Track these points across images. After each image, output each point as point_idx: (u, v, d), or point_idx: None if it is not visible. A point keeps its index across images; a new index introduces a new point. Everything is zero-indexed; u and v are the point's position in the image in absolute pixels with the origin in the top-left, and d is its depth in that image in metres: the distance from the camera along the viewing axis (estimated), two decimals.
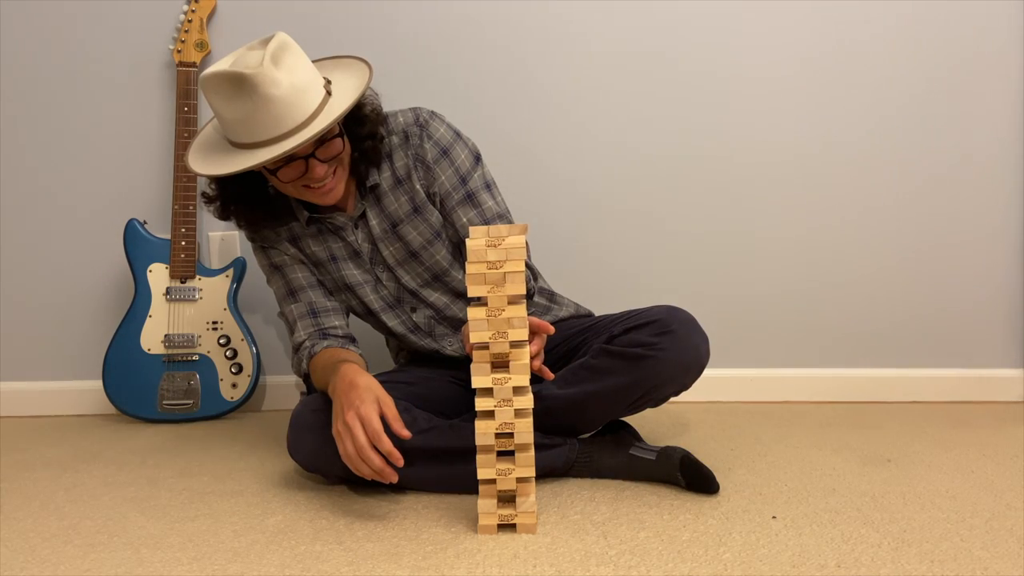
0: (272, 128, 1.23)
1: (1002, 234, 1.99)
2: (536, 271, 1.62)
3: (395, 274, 1.49)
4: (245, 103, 1.21)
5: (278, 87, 1.21)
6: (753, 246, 1.99)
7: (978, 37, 1.93)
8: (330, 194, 1.35)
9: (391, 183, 1.44)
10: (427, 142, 1.42)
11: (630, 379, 1.36)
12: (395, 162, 1.44)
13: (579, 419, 1.42)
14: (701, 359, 1.39)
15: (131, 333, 1.85)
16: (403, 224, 1.45)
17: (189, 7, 1.86)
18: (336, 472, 1.38)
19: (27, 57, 1.91)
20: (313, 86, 1.27)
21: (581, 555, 1.13)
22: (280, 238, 1.49)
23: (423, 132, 1.42)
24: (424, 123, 1.43)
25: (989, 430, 1.75)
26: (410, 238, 1.46)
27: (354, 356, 1.42)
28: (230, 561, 1.13)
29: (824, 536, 1.19)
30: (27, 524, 1.28)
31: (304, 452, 1.38)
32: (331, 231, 1.47)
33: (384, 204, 1.45)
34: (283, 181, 1.31)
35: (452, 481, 1.36)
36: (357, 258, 1.49)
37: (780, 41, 1.93)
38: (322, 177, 1.31)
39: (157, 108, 1.93)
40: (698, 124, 1.96)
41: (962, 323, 2.02)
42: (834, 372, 2.02)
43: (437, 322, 1.54)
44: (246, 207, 1.42)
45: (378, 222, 1.46)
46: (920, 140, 1.96)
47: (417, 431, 1.34)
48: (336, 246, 1.48)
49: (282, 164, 1.28)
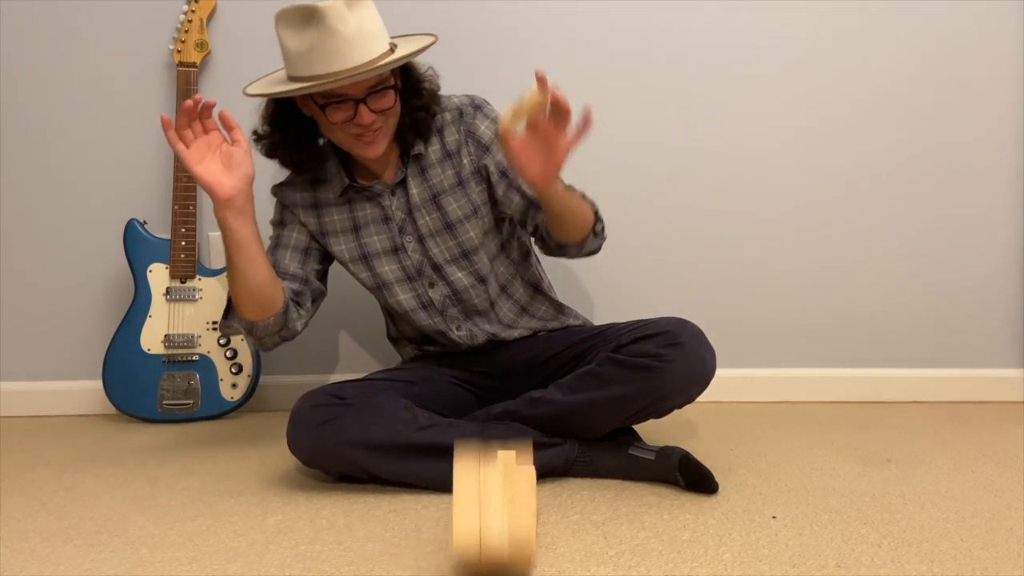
0: (332, 63, 1.28)
1: (1002, 234, 1.99)
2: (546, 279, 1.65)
3: (425, 245, 1.50)
4: (311, 34, 1.28)
5: (345, 24, 1.28)
6: (753, 246, 1.99)
7: (979, 37, 1.93)
8: (372, 146, 1.38)
9: (439, 156, 1.48)
10: (483, 121, 1.48)
11: (635, 389, 1.36)
12: (445, 136, 1.48)
13: (581, 426, 1.42)
14: (707, 373, 1.39)
15: (131, 333, 1.85)
16: (445, 195, 1.48)
17: (189, 7, 1.86)
18: (337, 469, 1.39)
19: (27, 57, 1.91)
20: (379, 37, 1.33)
21: (581, 555, 1.13)
22: (301, 204, 1.51)
23: (478, 112, 1.48)
24: (479, 105, 1.49)
25: (989, 430, 1.75)
26: (449, 209, 1.48)
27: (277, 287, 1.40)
28: (230, 561, 1.13)
29: (824, 536, 1.19)
30: (27, 524, 1.28)
31: (304, 448, 1.38)
32: (365, 199, 1.49)
33: (429, 175, 1.48)
34: (332, 122, 1.34)
35: (447, 478, 1.36)
36: (386, 224, 1.49)
37: (780, 42, 1.93)
38: (368, 124, 1.34)
39: (157, 108, 1.93)
40: (697, 123, 1.96)
41: (962, 323, 2.02)
42: (834, 372, 2.02)
43: (452, 303, 1.53)
44: (294, 150, 1.46)
45: (419, 191, 1.48)
46: (920, 140, 1.97)
47: (416, 428, 1.35)
48: (363, 213, 1.50)
49: (334, 102, 1.32)
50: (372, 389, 1.43)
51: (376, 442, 1.34)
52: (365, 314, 2.00)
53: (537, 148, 1.22)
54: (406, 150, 1.47)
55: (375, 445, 1.34)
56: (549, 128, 1.20)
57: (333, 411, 1.37)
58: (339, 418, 1.36)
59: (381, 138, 1.38)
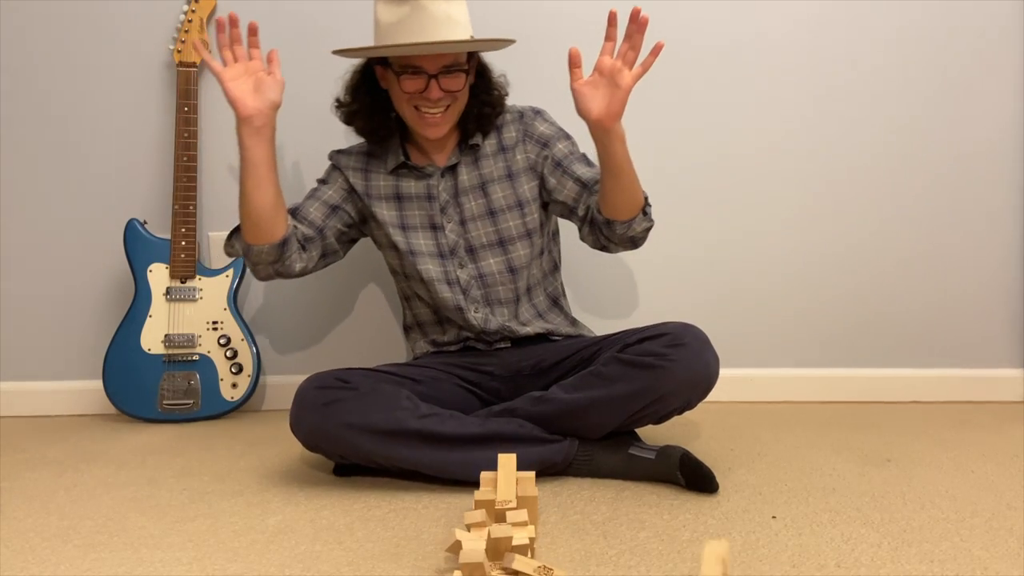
0: (417, 35, 1.39)
1: (1002, 234, 1.99)
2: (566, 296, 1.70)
3: (465, 227, 1.56)
4: (404, 9, 1.40)
5: (436, 5, 1.40)
6: (753, 246, 1.99)
7: (979, 38, 1.93)
8: (435, 128, 1.47)
9: (495, 149, 1.58)
10: (542, 124, 1.60)
11: (637, 387, 1.37)
12: (503, 133, 1.59)
13: (582, 425, 1.42)
14: (710, 376, 1.40)
15: (131, 333, 1.85)
16: (493, 183, 1.57)
17: (189, 7, 1.86)
18: (337, 451, 1.39)
19: (27, 57, 1.91)
20: (463, 26, 1.45)
21: (581, 555, 1.13)
22: (353, 166, 1.59)
23: (538, 116, 1.61)
24: (539, 111, 1.62)
25: (989, 430, 1.75)
26: (495, 197, 1.56)
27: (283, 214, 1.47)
28: (230, 561, 1.13)
29: (824, 536, 1.19)
30: (27, 524, 1.28)
31: (305, 429, 1.39)
32: (414, 176, 1.57)
33: (481, 164, 1.57)
34: (404, 91, 1.44)
35: (447, 467, 1.38)
36: (428, 202, 1.56)
37: (779, 42, 1.93)
38: (436, 100, 1.43)
39: (157, 108, 1.93)
40: (697, 123, 1.96)
41: (962, 323, 2.02)
42: (834, 372, 2.02)
43: (477, 285, 1.57)
44: (368, 119, 1.56)
45: (468, 177, 1.57)
46: (920, 141, 1.97)
47: (416, 416, 1.37)
48: (408, 187, 1.57)
49: (409, 72, 1.42)
50: (378, 378, 1.45)
51: (376, 426, 1.35)
52: (367, 314, 2.00)
53: (601, 86, 1.32)
54: (464, 139, 1.57)
55: (375, 429, 1.35)
56: (614, 65, 1.30)
57: (337, 393, 1.38)
58: (342, 401, 1.37)
59: (444, 121, 1.48)
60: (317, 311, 2.00)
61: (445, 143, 1.57)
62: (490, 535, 1.03)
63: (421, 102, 1.45)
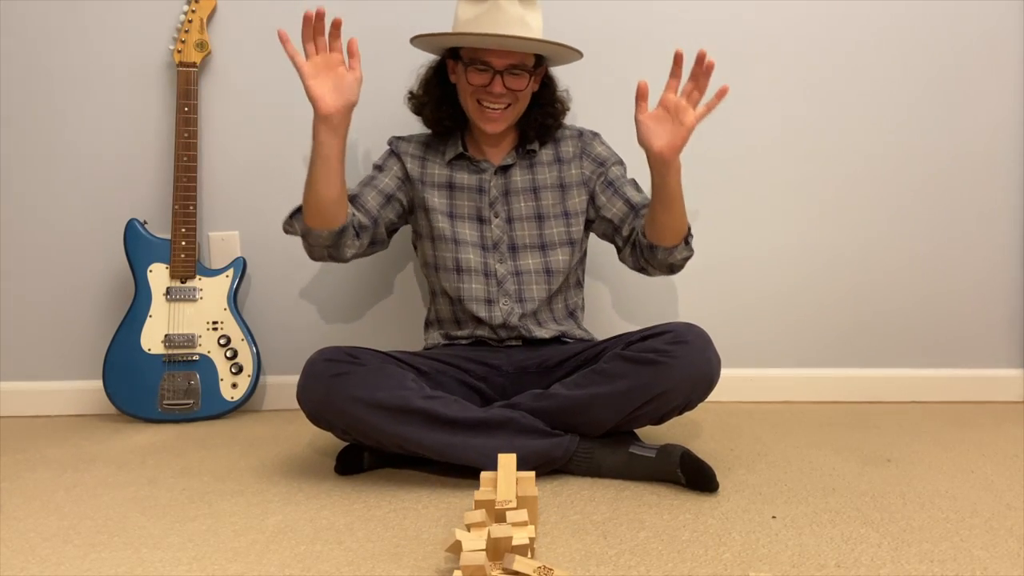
0: (492, 28, 1.47)
1: (1002, 234, 1.99)
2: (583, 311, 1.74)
3: (512, 226, 1.62)
4: (483, 5, 1.49)
5: (513, 8, 1.49)
6: (753, 246, 1.99)
7: (979, 38, 1.93)
8: (493, 123, 1.55)
9: (551, 158, 1.66)
10: (600, 146, 1.68)
11: (638, 382, 1.38)
12: (561, 146, 1.67)
13: (582, 421, 1.42)
14: (712, 374, 1.41)
15: (131, 333, 1.85)
16: (545, 190, 1.64)
17: (189, 7, 1.86)
18: (341, 423, 1.40)
19: (27, 57, 1.91)
20: (535, 32, 1.53)
21: (581, 555, 1.13)
22: (411, 153, 1.65)
23: (597, 138, 1.69)
24: (597, 134, 1.70)
25: (989, 430, 1.75)
26: (545, 203, 1.63)
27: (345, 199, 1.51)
28: (230, 561, 1.13)
29: (824, 536, 1.19)
30: (27, 524, 1.28)
31: (312, 399, 1.40)
32: (468, 169, 1.63)
33: (535, 170, 1.64)
34: (469, 83, 1.52)
35: (448, 449, 1.38)
36: (479, 194, 1.62)
37: (779, 42, 1.93)
38: (498, 96, 1.52)
39: (157, 108, 1.93)
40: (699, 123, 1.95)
41: (962, 323, 2.02)
42: (834, 372, 2.02)
43: (513, 281, 1.61)
44: (435, 110, 1.63)
45: (521, 179, 1.64)
46: (920, 141, 1.97)
47: (421, 396, 1.38)
48: (463, 177, 1.63)
49: (477, 65, 1.50)
50: (385, 359, 1.47)
51: (381, 401, 1.36)
52: (367, 314, 2.00)
53: (665, 121, 1.39)
54: (522, 143, 1.64)
55: (380, 404, 1.36)
56: (679, 103, 1.37)
57: (345, 367, 1.40)
58: (350, 374, 1.39)
59: (503, 118, 1.55)
60: (317, 311, 2.00)
61: (502, 142, 1.64)
62: (490, 535, 1.03)
63: (484, 96, 1.52)
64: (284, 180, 1.95)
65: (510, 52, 1.51)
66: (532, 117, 1.61)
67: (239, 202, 1.95)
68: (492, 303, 1.60)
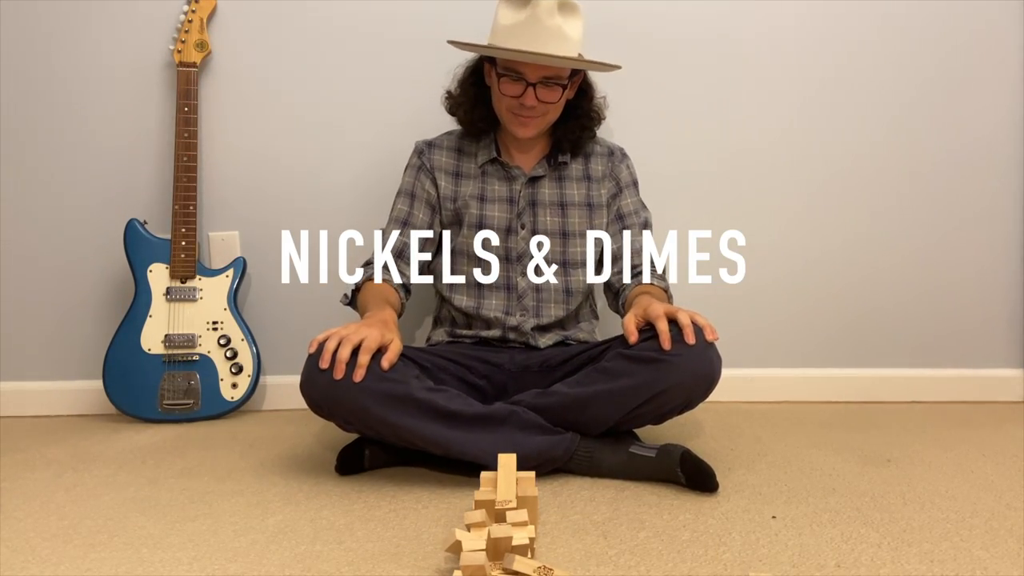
0: (528, 42, 1.47)
1: (1003, 233, 1.99)
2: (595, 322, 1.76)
3: (537, 239, 1.63)
4: (521, 15, 1.49)
5: (551, 19, 1.48)
6: (752, 246, 1.99)
7: (978, 36, 1.93)
8: (525, 128, 1.56)
9: (580, 175, 1.67)
10: (626, 169, 1.70)
11: (639, 380, 1.38)
12: (591, 163, 1.68)
13: (582, 419, 1.42)
14: (713, 373, 1.40)
15: (131, 333, 1.85)
16: (572, 207, 1.65)
17: (189, 7, 1.86)
18: (343, 413, 1.38)
19: (27, 57, 1.91)
20: (572, 43, 1.52)
21: (581, 555, 1.13)
22: (444, 169, 1.66)
23: (626, 159, 1.72)
24: (626, 155, 1.73)
25: (989, 430, 1.75)
26: (571, 220, 1.64)
27: (397, 304, 1.57)
28: (230, 561, 1.13)
29: (824, 536, 1.19)
30: (27, 524, 1.28)
31: (316, 388, 1.37)
32: (499, 177, 1.64)
33: (564, 184, 1.65)
34: (502, 93, 1.54)
35: (449, 442, 1.38)
36: (509, 204, 1.63)
37: (776, 40, 1.93)
38: (530, 107, 1.53)
39: (157, 108, 1.93)
40: (697, 121, 1.96)
41: (962, 323, 2.02)
42: (834, 372, 2.02)
43: (532, 296, 1.63)
44: (470, 110, 1.64)
45: (550, 191, 1.65)
46: (920, 140, 1.97)
47: (425, 388, 1.38)
48: (493, 187, 1.64)
49: (511, 76, 1.52)
50: None
51: (385, 391, 1.35)
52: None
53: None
54: (554, 153, 1.64)
55: (384, 392, 1.35)
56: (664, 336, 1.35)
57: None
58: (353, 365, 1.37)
59: (535, 124, 1.56)
60: (317, 311, 2.00)
61: (533, 149, 1.65)
62: (490, 535, 1.03)
63: (516, 107, 1.54)
64: (284, 180, 1.95)
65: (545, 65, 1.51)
66: (567, 127, 1.63)
67: (239, 202, 1.96)
68: (509, 315, 1.62)
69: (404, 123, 1.87)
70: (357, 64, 1.92)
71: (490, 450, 1.35)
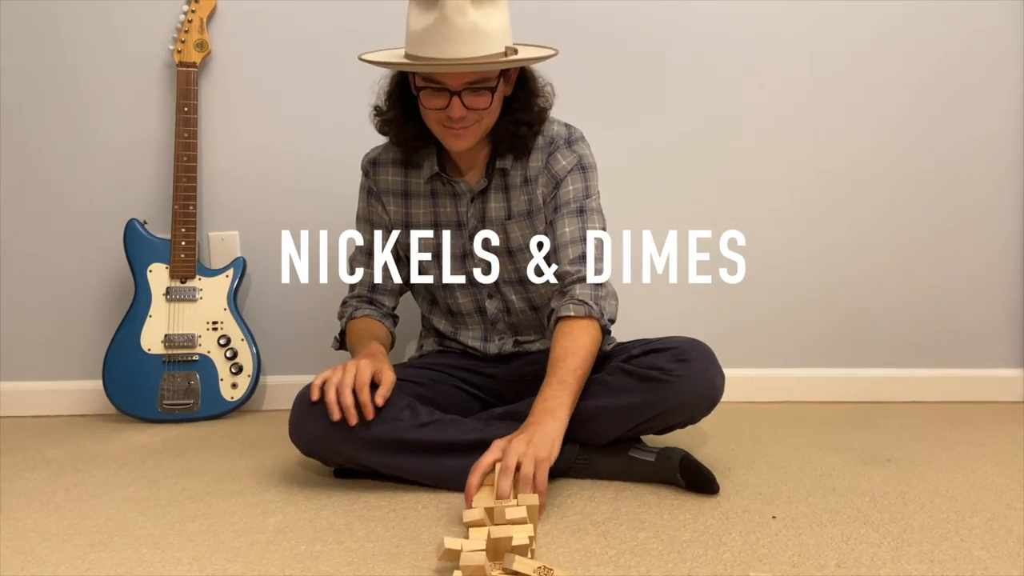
0: (439, 49, 1.30)
1: (1003, 233, 1.99)
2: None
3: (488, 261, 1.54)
4: (429, 17, 1.30)
5: (462, 16, 1.28)
6: (752, 246, 1.98)
7: (978, 36, 1.93)
8: (459, 140, 1.39)
9: (520, 179, 1.49)
10: (565, 158, 1.48)
11: (641, 400, 1.36)
12: (530, 162, 1.49)
13: (583, 433, 1.41)
14: (715, 393, 1.40)
15: (131, 333, 1.85)
16: (513, 221, 1.50)
17: (189, 7, 1.86)
18: (335, 461, 1.39)
19: (27, 57, 1.91)
20: (495, 37, 1.32)
21: (581, 555, 1.13)
22: (392, 190, 1.54)
23: (568, 148, 1.48)
24: (573, 141, 1.49)
25: (989, 430, 1.75)
26: (512, 236, 1.51)
27: (385, 337, 1.54)
28: (230, 561, 1.13)
29: (824, 536, 1.19)
30: (27, 524, 1.28)
31: (304, 438, 1.38)
32: (448, 195, 1.52)
33: (510, 194, 1.50)
34: (426, 107, 1.38)
35: (446, 474, 1.36)
36: (459, 230, 1.52)
37: (777, 40, 1.93)
38: (457, 118, 1.36)
39: (157, 108, 1.93)
40: (698, 120, 1.96)
41: (962, 323, 2.02)
42: (834, 372, 2.02)
43: (503, 319, 1.58)
44: (402, 127, 1.47)
45: (496, 206, 1.51)
46: (920, 140, 1.97)
47: (415, 425, 1.36)
48: (444, 211, 1.53)
49: (431, 88, 1.35)
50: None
51: (376, 436, 1.34)
52: None
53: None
54: (494, 159, 1.49)
55: (374, 439, 1.34)
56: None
57: None
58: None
59: (470, 134, 1.40)
60: (317, 311, 1.99)
61: (475, 159, 1.50)
62: (490, 535, 1.03)
63: (444, 119, 1.38)
64: (284, 180, 1.95)
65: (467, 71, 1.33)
66: (502, 125, 1.43)
67: (239, 202, 1.96)
68: (488, 341, 1.59)
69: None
70: (357, 64, 1.92)
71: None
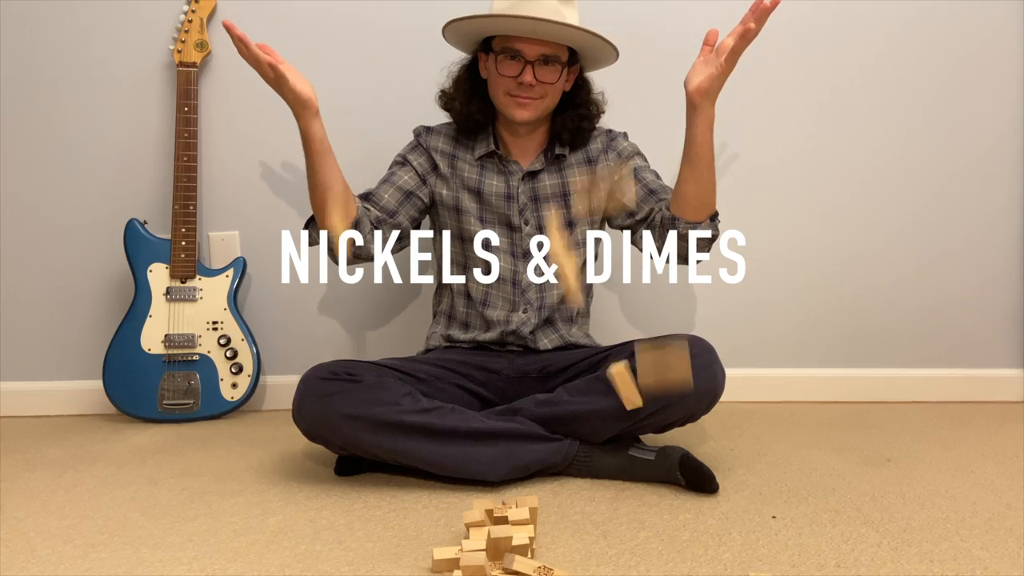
0: (527, 8, 1.43)
1: (1002, 235, 1.99)
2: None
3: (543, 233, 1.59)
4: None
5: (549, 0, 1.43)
6: (754, 247, 1.99)
7: (980, 43, 1.93)
8: (522, 109, 1.50)
9: (581, 160, 1.63)
10: (624, 142, 1.66)
11: None
12: (590, 145, 1.64)
13: (583, 430, 1.42)
14: (716, 389, 1.40)
15: (131, 333, 1.85)
16: (575, 196, 1.61)
17: (189, 7, 1.86)
18: (337, 441, 1.39)
19: (27, 57, 1.91)
20: (573, 16, 1.49)
21: (581, 555, 1.13)
22: (441, 150, 1.62)
23: (621, 136, 1.68)
24: (624, 133, 1.69)
25: (989, 430, 1.75)
26: (575, 209, 1.60)
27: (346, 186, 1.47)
28: (230, 561, 1.13)
29: (824, 536, 1.19)
30: (27, 524, 1.28)
31: (308, 417, 1.39)
32: (497, 171, 1.60)
33: (566, 174, 1.61)
34: (500, 74, 1.49)
35: (446, 461, 1.38)
36: (507, 201, 1.59)
37: (781, 46, 1.93)
38: (529, 85, 1.48)
39: (157, 108, 1.93)
40: None
41: (962, 323, 2.02)
42: (834, 372, 2.02)
43: (535, 290, 1.60)
44: (466, 102, 1.58)
45: (551, 184, 1.61)
46: (920, 142, 1.97)
47: (417, 410, 1.37)
48: (491, 181, 1.60)
49: (508, 54, 1.48)
50: (381, 372, 1.45)
51: (377, 418, 1.35)
52: (367, 314, 2.00)
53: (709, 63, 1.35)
54: (551, 146, 1.60)
55: (376, 420, 1.35)
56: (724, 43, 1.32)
57: (340, 385, 1.38)
58: (345, 392, 1.38)
59: (534, 107, 1.51)
60: (317, 311, 2.00)
61: (531, 144, 1.60)
62: (490, 535, 1.03)
63: (514, 88, 1.49)
64: (284, 180, 1.95)
65: (543, 42, 1.47)
66: (565, 118, 1.58)
67: (239, 202, 1.96)
68: (513, 311, 1.59)
69: (405, 123, 1.86)
70: (357, 64, 1.93)
71: (489, 465, 1.36)
